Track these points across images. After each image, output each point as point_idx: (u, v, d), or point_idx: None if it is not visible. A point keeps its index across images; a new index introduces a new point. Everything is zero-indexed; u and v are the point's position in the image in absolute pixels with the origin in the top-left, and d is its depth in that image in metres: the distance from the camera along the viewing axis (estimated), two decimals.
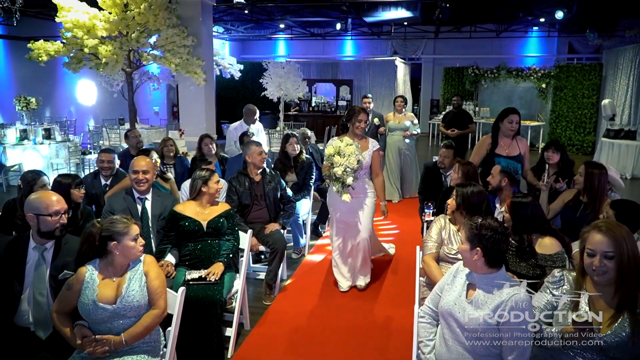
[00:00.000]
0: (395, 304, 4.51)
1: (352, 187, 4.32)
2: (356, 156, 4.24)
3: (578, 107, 14.57)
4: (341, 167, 4.21)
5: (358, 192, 4.50)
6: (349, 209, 4.57)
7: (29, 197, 2.84)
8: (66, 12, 7.18)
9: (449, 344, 2.41)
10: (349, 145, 4.26)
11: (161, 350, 2.78)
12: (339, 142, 4.31)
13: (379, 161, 4.73)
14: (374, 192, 4.70)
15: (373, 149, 4.63)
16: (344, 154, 4.23)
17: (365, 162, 4.52)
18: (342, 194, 4.33)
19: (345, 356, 3.69)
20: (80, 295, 2.57)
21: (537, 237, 3.12)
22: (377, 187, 4.72)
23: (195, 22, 8.49)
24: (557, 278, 2.39)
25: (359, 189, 4.52)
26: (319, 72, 17.18)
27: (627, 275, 2.14)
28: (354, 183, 4.35)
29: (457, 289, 2.46)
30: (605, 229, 2.19)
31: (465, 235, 2.37)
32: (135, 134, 6.03)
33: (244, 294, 3.91)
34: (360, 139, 4.58)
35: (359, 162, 4.27)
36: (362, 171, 4.51)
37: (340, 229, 4.71)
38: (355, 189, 4.41)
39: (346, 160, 4.21)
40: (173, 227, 3.77)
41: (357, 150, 4.28)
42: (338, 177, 4.27)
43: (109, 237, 2.60)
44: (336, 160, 4.24)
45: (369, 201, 4.65)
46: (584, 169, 4.04)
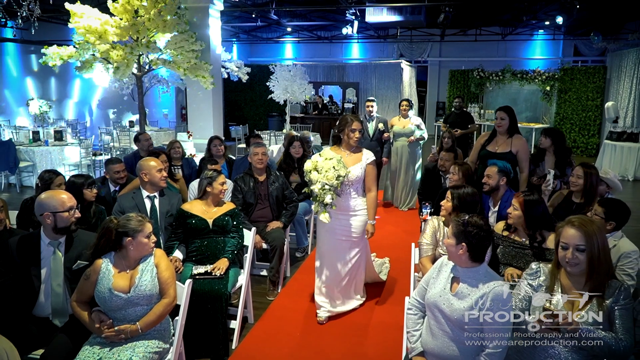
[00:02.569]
0: (393, 300, 4.68)
1: (333, 206, 3.97)
2: (335, 171, 3.85)
3: (582, 109, 14.67)
4: (318, 184, 3.87)
5: (348, 209, 4.13)
6: (335, 228, 4.15)
7: (39, 198, 3.02)
8: (79, 17, 7.42)
9: (435, 332, 2.58)
10: (327, 160, 3.90)
11: (170, 337, 2.98)
12: (318, 156, 4.00)
13: (373, 175, 4.22)
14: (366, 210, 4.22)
15: (367, 162, 4.15)
16: (321, 170, 3.88)
17: (356, 177, 4.07)
18: (321, 213, 3.97)
19: (343, 349, 3.87)
20: (97, 285, 2.79)
21: (548, 234, 3.29)
22: (368, 204, 4.19)
23: (203, 27, 8.72)
24: (534, 270, 2.57)
25: (351, 205, 4.13)
26: (325, 74, 17.39)
27: (597, 266, 2.32)
28: (340, 200, 4.05)
29: (442, 282, 2.63)
30: (578, 224, 2.36)
31: (451, 231, 2.55)
32: (146, 137, 6.24)
33: (247, 289, 4.11)
34: (352, 151, 4.17)
35: (338, 177, 3.85)
36: (354, 186, 4.11)
37: (325, 250, 4.28)
38: (346, 206, 4.10)
39: (323, 177, 3.84)
40: (181, 224, 3.99)
41: (338, 165, 3.88)
42: (316, 195, 3.92)
43: (125, 233, 2.81)
44: (312, 177, 3.89)
45: (361, 220, 4.17)
46: (582, 171, 4.11)
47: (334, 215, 4.07)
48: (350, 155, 4.14)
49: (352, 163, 4.09)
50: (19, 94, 15.34)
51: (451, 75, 17.05)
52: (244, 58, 18.27)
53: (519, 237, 3.53)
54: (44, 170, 4.26)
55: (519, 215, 3.46)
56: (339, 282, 4.26)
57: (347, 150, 4.17)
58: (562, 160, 5.05)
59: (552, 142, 5.09)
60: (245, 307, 4.22)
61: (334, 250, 4.21)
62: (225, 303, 3.67)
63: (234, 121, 16.55)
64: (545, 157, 5.13)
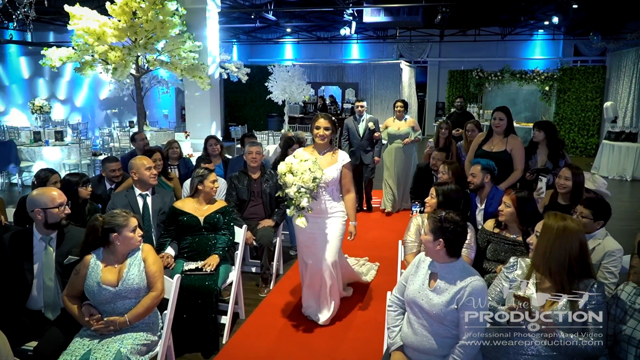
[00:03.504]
0: (378, 297, 4.75)
1: (309, 210, 3.84)
2: (311, 174, 3.70)
3: (582, 109, 14.70)
4: (294, 187, 3.72)
5: (324, 212, 4.02)
6: (312, 231, 4.03)
7: (30, 195, 3.12)
8: (78, 19, 7.52)
9: (414, 327, 2.66)
10: (302, 162, 3.76)
11: (159, 330, 3.06)
12: (292, 158, 3.86)
13: (350, 176, 4.12)
14: (344, 211, 4.11)
15: (343, 163, 4.03)
16: (297, 172, 3.72)
17: (331, 179, 3.95)
18: (296, 217, 3.84)
19: (330, 345, 3.95)
20: (86, 279, 2.88)
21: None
22: (347, 205, 4.11)
23: (201, 28, 8.82)
24: (512, 264, 2.66)
25: (326, 208, 4.02)
26: (325, 75, 17.49)
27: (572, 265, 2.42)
28: (315, 203, 3.92)
29: (420, 279, 2.71)
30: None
31: (429, 227, 2.62)
32: (142, 136, 6.33)
33: (238, 285, 4.19)
34: (325, 152, 4.03)
35: (315, 179, 3.71)
36: (329, 188, 3.99)
37: (304, 254, 4.20)
38: (322, 208, 4.00)
39: (299, 179, 3.69)
40: (173, 221, 4.07)
41: (314, 167, 3.74)
42: (291, 198, 3.77)
43: (111, 229, 2.90)
44: (287, 180, 3.72)
45: (337, 222, 4.05)
46: (569, 173, 4.10)
47: (310, 219, 3.93)
48: (325, 157, 4.02)
49: (328, 164, 3.97)
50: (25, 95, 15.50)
51: (450, 75, 17.10)
52: (244, 59, 18.39)
53: (510, 234, 3.62)
54: (40, 169, 4.36)
55: (511, 212, 3.56)
56: (320, 283, 4.15)
57: (321, 150, 4.04)
58: (555, 152, 5.08)
59: (545, 136, 5.13)
60: (237, 303, 4.30)
61: (315, 251, 4.08)
62: (216, 299, 3.75)
63: (234, 122, 16.66)
64: (538, 150, 5.15)
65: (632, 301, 2.44)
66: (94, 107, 16.50)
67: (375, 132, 7.29)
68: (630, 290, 2.49)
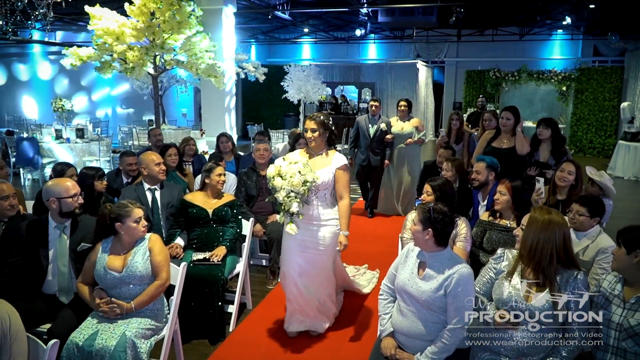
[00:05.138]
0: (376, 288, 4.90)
1: (300, 215, 3.60)
2: (302, 177, 3.49)
3: (599, 110, 14.60)
4: (283, 192, 3.51)
5: (316, 218, 3.74)
6: (302, 238, 3.75)
7: (46, 185, 3.32)
8: (97, 20, 7.77)
9: (405, 313, 2.79)
10: (292, 164, 3.55)
11: (164, 317, 3.23)
12: (282, 160, 3.66)
13: (344, 180, 3.78)
14: (337, 219, 3.79)
15: (337, 166, 3.74)
16: (286, 175, 3.52)
17: (323, 183, 3.67)
18: (287, 224, 3.62)
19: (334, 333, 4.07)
20: (95, 265, 3.08)
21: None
22: (340, 213, 3.77)
23: (217, 28, 9.03)
24: (499, 255, 2.78)
25: (318, 214, 3.74)
26: (342, 75, 17.60)
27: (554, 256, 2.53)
28: (307, 209, 3.69)
29: (409, 267, 2.84)
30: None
31: (418, 218, 2.74)
32: (156, 132, 6.54)
33: (245, 276, 4.35)
34: (321, 154, 3.81)
35: (305, 183, 3.49)
36: (321, 192, 3.72)
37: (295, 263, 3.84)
38: (314, 215, 3.73)
39: (288, 183, 3.48)
40: (183, 213, 4.25)
41: (304, 169, 3.53)
42: (280, 203, 3.57)
43: (115, 219, 3.09)
44: (276, 184, 3.53)
45: (331, 230, 3.76)
46: (573, 167, 4.15)
47: (301, 226, 3.70)
48: (318, 159, 3.78)
49: (320, 167, 3.72)
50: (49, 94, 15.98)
51: (467, 75, 17.08)
52: (262, 59, 18.58)
53: (505, 221, 3.72)
54: (57, 163, 4.57)
55: (507, 199, 3.67)
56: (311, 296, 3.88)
57: (313, 152, 3.82)
58: (558, 148, 5.13)
59: (551, 133, 5.18)
60: (244, 294, 4.47)
61: (300, 266, 3.81)
62: (222, 288, 3.92)
63: (252, 121, 16.85)
64: (541, 147, 5.20)
65: (612, 288, 2.56)
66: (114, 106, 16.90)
67: (387, 135, 7.08)
68: (611, 278, 2.60)
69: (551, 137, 5.17)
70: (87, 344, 2.81)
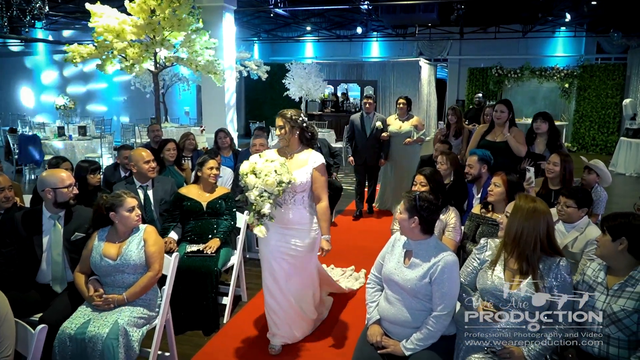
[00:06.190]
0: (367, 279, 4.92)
1: (271, 218, 3.37)
2: (277, 176, 3.26)
3: (602, 107, 14.54)
4: (255, 191, 3.27)
5: (292, 222, 3.53)
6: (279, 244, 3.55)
7: (41, 176, 3.38)
8: (98, 17, 7.83)
9: (391, 301, 2.82)
10: (268, 162, 3.32)
11: (157, 306, 3.27)
12: (257, 157, 3.44)
13: (322, 181, 3.57)
14: (316, 222, 3.61)
15: (314, 166, 3.53)
16: (260, 173, 3.28)
17: (301, 184, 3.46)
18: (256, 225, 3.36)
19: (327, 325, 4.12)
20: (92, 253, 3.15)
21: None
22: (319, 216, 3.57)
23: (217, 25, 9.08)
24: (482, 245, 2.81)
25: (295, 218, 3.54)
26: (344, 73, 17.60)
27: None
28: (282, 211, 3.48)
29: (396, 256, 2.87)
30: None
31: (404, 206, 2.77)
32: (154, 128, 6.60)
33: (240, 268, 4.40)
34: (293, 153, 3.60)
35: (281, 183, 3.26)
36: (298, 195, 3.51)
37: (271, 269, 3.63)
38: (290, 218, 3.52)
39: (262, 182, 3.25)
40: (177, 206, 4.29)
41: (281, 169, 3.30)
42: (252, 203, 3.31)
43: (110, 208, 3.16)
44: (249, 182, 3.30)
45: (310, 234, 3.58)
46: (558, 159, 4.23)
47: (275, 230, 3.50)
48: (294, 158, 3.58)
49: (297, 167, 3.51)
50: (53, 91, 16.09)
51: (470, 73, 17.05)
52: (265, 57, 18.63)
53: (497, 214, 3.74)
54: (52, 157, 4.62)
55: (501, 191, 3.69)
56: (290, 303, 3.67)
57: (288, 152, 3.60)
58: (554, 141, 5.16)
59: (548, 126, 5.21)
60: (239, 286, 4.51)
61: (276, 273, 3.60)
62: (216, 279, 3.96)
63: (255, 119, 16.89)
64: (536, 140, 5.22)
65: (595, 275, 2.58)
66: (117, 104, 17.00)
67: (383, 132, 6.93)
68: (595, 266, 2.62)
69: (548, 130, 5.20)
70: (79, 332, 2.86)
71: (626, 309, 2.40)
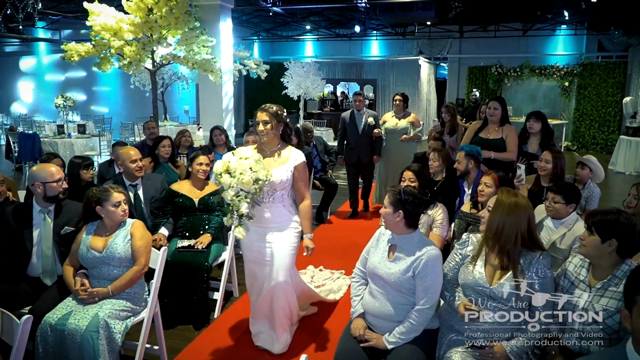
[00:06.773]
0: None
1: (250, 218, 3.29)
2: (253, 174, 3.14)
3: (602, 105, 14.51)
4: (231, 191, 3.14)
5: (272, 221, 3.44)
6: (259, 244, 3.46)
7: (31, 170, 3.42)
8: (96, 16, 7.85)
9: (375, 295, 2.84)
10: (242, 159, 3.19)
11: (143, 300, 3.30)
12: (231, 155, 3.28)
13: (304, 179, 3.52)
14: (298, 221, 3.52)
15: (295, 163, 3.43)
16: (235, 172, 3.15)
17: (281, 182, 3.36)
18: (235, 226, 3.28)
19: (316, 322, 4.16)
20: (80, 245, 3.20)
21: None
22: (302, 215, 3.49)
23: (214, 24, 9.10)
24: (464, 240, 2.82)
25: (275, 217, 3.44)
26: (344, 72, 17.64)
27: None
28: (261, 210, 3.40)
29: (380, 251, 2.89)
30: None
31: (388, 200, 2.79)
32: (150, 125, 6.63)
33: (231, 264, 4.43)
34: (274, 150, 3.46)
35: (257, 181, 3.15)
36: (278, 193, 3.40)
37: (252, 271, 3.60)
38: (269, 218, 3.42)
39: (237, 181, 3.12)
40: (169, 202, 4.32)
41: (256, 166, 3.17)
42: (228, 203, 3.20)
43: (97, 202, 3.21)
44: (223, 181, 3.16)
45: (289, 234, 3.47)
46: (550, 156, 4.23)
47: (254, 230, 3.44)
48: (274, 155, 3.46)
49: (277, 165, 3.40)
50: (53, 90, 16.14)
51: (469, 71, 17.04)
52: (265, 56, 18.66)
53: None
54: (45, 153, 4.65)
55: (492, 192, 3.65)
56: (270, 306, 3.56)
57: (268, 149, 3.47)
58: (547, 140, 5.16)
59: (542, 126, 5.21)
60: (231, 282, 4.54)
61: (264, 268, 3.49)
62: (207, 274, 3.99)
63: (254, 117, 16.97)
64: (530, 139, 5.23)
65: (577, 272, 2.55)
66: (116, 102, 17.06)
67: (375, 129, 6.86)
68: (577, 262, 2.59)
69: (541, 130, 5.21)
70: (60, 323, 2.90)
71: (608, 308, 2.36)
